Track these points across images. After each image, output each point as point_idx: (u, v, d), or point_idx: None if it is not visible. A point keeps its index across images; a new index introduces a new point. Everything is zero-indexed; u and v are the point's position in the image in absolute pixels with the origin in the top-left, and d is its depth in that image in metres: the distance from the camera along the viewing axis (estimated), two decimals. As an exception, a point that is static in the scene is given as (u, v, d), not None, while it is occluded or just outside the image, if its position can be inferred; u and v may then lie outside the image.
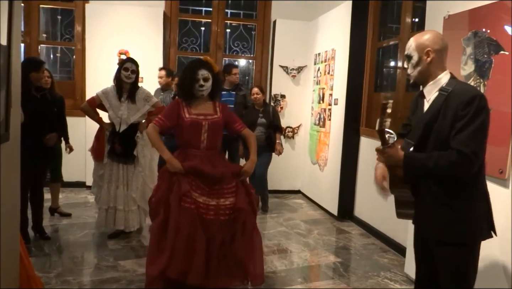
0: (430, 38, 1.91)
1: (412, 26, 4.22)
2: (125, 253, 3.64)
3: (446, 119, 1.82)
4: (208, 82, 2.85)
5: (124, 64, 3.84)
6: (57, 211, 4.57)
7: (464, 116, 1.76)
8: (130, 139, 3.85)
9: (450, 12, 3.03)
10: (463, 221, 1.85)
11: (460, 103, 1.77)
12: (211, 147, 2.88)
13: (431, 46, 1.90)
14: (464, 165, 1.76)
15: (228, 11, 6.55)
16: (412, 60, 1.95)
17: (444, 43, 1.93)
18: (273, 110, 5.16)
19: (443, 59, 1.93)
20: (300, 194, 6.22)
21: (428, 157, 1.84)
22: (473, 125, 1.75)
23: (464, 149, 1.74)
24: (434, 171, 1.82)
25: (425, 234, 2.01)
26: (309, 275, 3.53)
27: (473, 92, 1.81)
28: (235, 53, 6.81)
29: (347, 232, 4.60)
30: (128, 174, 3.88)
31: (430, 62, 1.90)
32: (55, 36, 6.81)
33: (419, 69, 1.93)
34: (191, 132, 2.84)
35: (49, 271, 3.20)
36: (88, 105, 3.93)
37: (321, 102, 5.55)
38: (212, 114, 2.91)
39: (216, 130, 2.90)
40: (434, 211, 1.91)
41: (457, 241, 1.87)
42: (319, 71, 5.69)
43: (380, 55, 4.94)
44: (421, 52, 1.91)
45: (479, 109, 1.76)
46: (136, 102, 3.86)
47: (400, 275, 3.45)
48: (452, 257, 1.89)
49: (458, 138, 1.76)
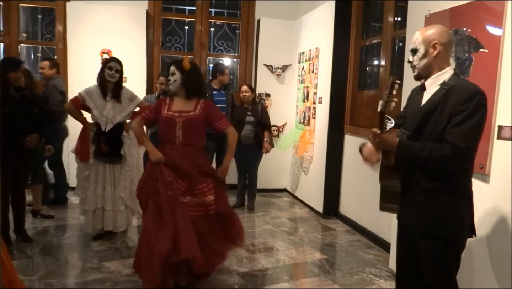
0: (437, 31, 1.92)
1: (394, 25, 4.27)
2: (110, 254, 3.60)
3: (444, 113, 1.82)
4: (173, 76, 2.96)
5: (108, 63, 3.80)
6: (39, 213, 4.50)
7: (462, 111, 1.76)
8: (116, 139, 3.81)
9: (431, 10, 3.08)
10: (449, 217, 1.87)
11: (461, 99, 1.78)
12: (187, 143, 2.94)
13: (438, 39, 1.90)
14: (457, 159, 1.76)
15: (212, 10, 6.53)
16: (418, 53, 1.95)
17: (450, 38, 1.93)
18: (261, 108, 5.16)
19: (449, 54, 1.94)
20: (286, 192, 6.24)
21: (422, 147, 1.83)
22: (471, 121, 1.75)
23: (459, 144, 1.74)
24: (426, 162, 1.82)
25: (410, 228, 2.02)
26: (295, 273, 3.55)
27: (475, 89, 1.81)
28: (219, 52, 6.79)
29: (333, 229, 4.63)
30: (115, 174, 3.85)
31: (436, 56, 1.91)
32: (35, 36, 6.69)
33: (425, 62, 1.93)
34: (166, 128, 2.96)
35: (32, 274, 3.15)
36: (71, 104, 3.85)
37: (305, 101, 5.58)
38: (189, 111, 2.97)
39: (192, 127, 2.95)
40: (422, 206, 1.92)
41: (441, 236, 1.89)
42: (303, 69, 5.71)
43: (364, 53, 4.99)
44: (428, 45, 1.91)
45: (478, 106, 1.76)
46: (121, 101, 3.84)
47: (385, 270, 3.49)
48: (436, 252, 1.91)
49: (454, 133, 1.77)
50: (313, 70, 5.38)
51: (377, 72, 4.83)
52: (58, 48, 5.82)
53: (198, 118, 2.96)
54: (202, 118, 2.98)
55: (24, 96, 3.63)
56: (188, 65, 2.98)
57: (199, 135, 3.02)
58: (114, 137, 3.80)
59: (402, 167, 1.95)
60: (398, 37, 4.24)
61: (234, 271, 3.37)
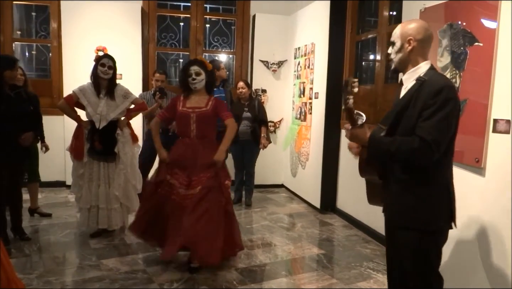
0: (414, 27, 1.94)
1: (389, 19, 4.27)
2: (108, 252, 3.61)
3: (416, 108, 1.85)
4: (200, 76, 3.28)
5: (100, 60, 3.77)
6: (37, 211, 4.49)
7: (431, 105, 1.80)
8: (110, 136, 3.79)
9: (426, 5, 3.09)
10: (423, 208, 1.90)
11: (429, 93, 1.81)
12: (200, 136, 3.29)
13: (413, 35, 1.93)
14: (424, 152, 1.79)
15: (207, 6, 6.50)
16: (394, 47, 1.99)
17: (427, 34, 1.95)
18: (258, 104, 5.16)
19: (425, 50, 1.96)
20: (283, 188, 6.25)
21: (391, 141, 1.87)
22: (439, 115, 1.78)
23: (426, 136, 1.78)
24: (396, 155, 1.86)
25: (389, 219, 2.07)
26: (293, 268, 3.56)
27: (442, 83, 1.84)
28: (215, 48, 6.78)
29: (330, 224, 4.65)
30: (110, 172, 3.83)
31: (411, 51, 1.94)
32: (30, 33, 6.65)
33: (400, 56, 1.97)
34: (181, 123, 3.33)
35: (30, 272, 3.15)
36: (65, 102, 3.81)
37: (301, 96, 5.58)
38: (202, 107, 3.30)
39: (205, 121, 3.29)
40: (398, 197, 1.96)
41: (417, 227, 1.92)
42: (299, 65, 5.71)
43: (359, 48, 4.99)
44: (404, 40, 1.95)
45: (446, 100, 1.79)
46: (115, 98, 3.82)
47: (382, 264, 3.50)
48: (412, 243, 1.94)
49: (422, 126, 1.80)
50: (309, 66, 5.38)
51: (373, 67, 4.83)
52: (53, 45, 5.79)
53: (209, 113, 3.29)
54: (213, 113, 3.30)
55: (19, 94, 3.61)
56: (210, 66, 3.38)
57: (211, 128, 3.37)
58: (108, 135, 3.78)
59: (375, 161, 2.01)
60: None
61: (232, 267, 3.38)
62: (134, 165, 3.96)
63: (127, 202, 3.90)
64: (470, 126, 2.63)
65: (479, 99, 2.57)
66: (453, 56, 2.80)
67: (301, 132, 5.60)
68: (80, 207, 3.91)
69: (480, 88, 2.55)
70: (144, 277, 3.15)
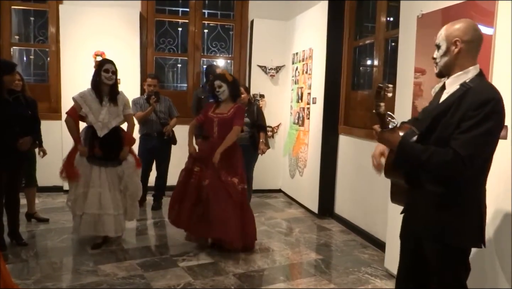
0: (461, 28, 1.81)
1: (387, 25, 4.29)
2: (105, 257, 3.59)
3: (455, 116, 1.74)
4: (222, 88, 3.81)
5: (103, 66, 3.71)
6: (34, 216, 4.47)
7: (473, 117, 1.68)
8: (111, 141, 3.71)
9: (423, 11, 3.10)
10: (455, 224, 1.82)
11: (473, 103, 1.69)
12: (221, 137, 3.77)
13: (460, 36, 1.80)
14: (456, 167, 1.70)
15: (205, 11, 6.52)
16: (440, 50, 1.87)
17: (476, 35, 1.82)
18: (257, 109, 5.15)
19: (474, 52, 1.83)
20: (281, 192, 6.25)
21: (423, 149, 1.78)
22: (479, 129, 1.67)
23: (461, 151, 1.68)
24: (425, 165, 1.77)
25: (416, 231, 1.98)
26: (291, 273, 3.56)
27: (490, 94, 1.72)
28: (213, 54, 6.79)
29: (328, 229, 4.65)
30: (112, 177, 3.73)
31: (458, 53, 1.81)
32: (28, 38, 6.65)
33: (446, 59, 1.85)
34: (207, 126, 3.91)
35: (27, 278, 3.13)
36: (70, 119, 3.69)
37: (299, 102, 5.59)
38: (224, 113, 3.82)
39: (225, 125, 3.78)
40: (428, 209, 1.87)
41: (447, 242, 1.84)
42: (297, 70, 5.73)
43: (357, 54, 5.01)
44: (450, 42, 1.82)
45: (490, 113, 1.68)
46: (118, 105, 3.76)
47: (380, 270, 3.50)
48: (441, 256, 1.87)
49: (459, 139, 1.70)
50: (306, 71, 5.40)
51: (370, 72, 4.85)
52: (51, 50, 5.80)
53: (228, 119, 3.79)
54: (232, 119, 3.78)
55: (17, 99, 3.61)
56: (230, 77, 3.90)
57: None
58: (109, 140, 3.71)
59: (402, 166, 1.91)
60: (391, 37, 4.26)
61: (230, 272, 3.37)
62: (136, 172, 3.91)
63: (131, 206, 3.86)
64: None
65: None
66: (450, 62, 2.81)
67: (299, 138, 5.61)
68: (73, 212, 3.78)
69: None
70: (142, 283, 3.14)
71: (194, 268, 3.43)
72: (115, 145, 3.77)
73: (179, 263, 3.52)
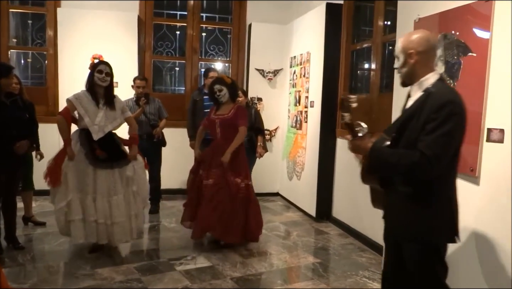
0: (415, 40, 1.93)
1: (384, 29, 4.31)
2: (102, 261, 3.57)
3: (420, 120, 1.84)
4: (222, 91, 3.97)
5: (97, 66, 3.60)
6: (31, 220, 4.46)
7: (435, 119, 1.78)
8: (110, 143, 3.62)
9: (420, 15, 3.12)
10: (426, 222, 1.90)
11: (433, 106, 1.80)
12: (224, 137, 3.97)
13: (415, 48, 1.91)
14: (424, 167, 1.79)
15: (203, 15, 6.54)
16: (399, 61, 1.99)
17: (430, 44, 1.93)
18: (255, 113, 5.15)
19: (429, 60, 1.94)
20: (279, 196, 6.25)
21: (392, 153, 1.89)
22: (441, 130, 1.77)
23: (427, 151, 1.77)
24: (396, 168, 1.87)
25: (392, 232, 2.08)
26: (289, 277, 3.55)
27: (447, 97, 1.82)
28: (211, 57, 6.80)
29: (326, 233, 4.64)
30: (115, 181, 3.55)
31: (414, 64, 1.93)
32: (26, 41, 6.64)
33: (406, 70, 1.97)
34: (211, 127, 4.08)
35: (23, 282, 3.12)
36: (63, 118, 3.54)
37: (297, 105, 5.60)
38: (225, 114, 3.98)
39: (227, 126, 3.96)
40: (400, 209, 1.97)
41: (420, 240, 1.92)
42: (295, 74, 5.74)
43: (354, 57, 5.02)
44: (406, 54, 1.94)
45: (450, 114, 1.77)
46: (115, 109, 3.65)
47: (378, 273, 3.50)
48: (417, 256, 1.95)
49: (425, 140, 1.79)
50: (304, 75, 5.41)
51: (368, 75, 4.86)
52: (49, 53, 5.80)
53: (230, 119, 3.95)
54: (234, 119, 3.95)
55: (15, 102, 3.60)
56: (229, 80, 4.08)
57: (233, 132, 3.96)
58: (107, 142, 3.60)
59: (375, 171, 2.01)
60: (388, 41, 4.28)
61: (228, 276, 3.37)
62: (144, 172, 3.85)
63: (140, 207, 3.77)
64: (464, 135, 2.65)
65: (473, 108, 2.58)
66: (447, 66, 2.83)
67: (296, 141, 5.61)
68: (70, 219, 3.54)
69: (474, 98, 2.57)
70: (139, 286, 3.13)
71: (191, 271, 3.43)
72: (115, 146, 3.66)
73: (177, 266, 3.51)
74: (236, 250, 3.92)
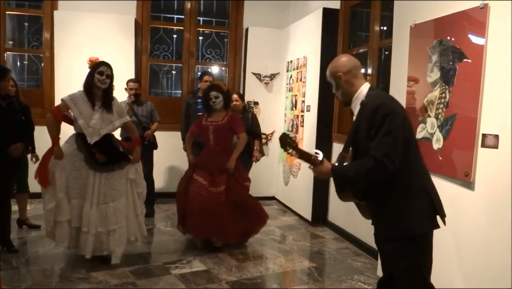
0: (338, 64, 2.12)
1: (380, 34, 4.34)
2: (97, 264, 3.55)
3: (363, 131, 1.98)
4: (218, 98, 4.01)
5: (98, 67, 3.44)
6: (25, 223, 4.43)
7: (373, 125, 1.93)
8: (108, 146, 3.51)
9: (416, 21, 3.14)
10: (402, 217, 1.97)
11: (368, 114, 1.95)
12: (217, 144, 4.03)
13: (340, 70, 2.09)
14: (379, 169, 1.90)
15: (200, 19, 6.54)
16: (333, 87, 2.17)
17: (351, 64, 2.10)
18: (252, 116, 5.15)
19: (356, 76, 2.10)
20: (275, 200, 6.24)
21: (350, 167, 2.03)
22: (381, 131, 1.90)
23: (376, 154, 1.89)
24: (357, 179, 1.98)
25: (376, 234, 2.16)
26: (285, 281, 3.55)
27: (377, 102, 1.95)
28: (208, 61, 6.81)
29: (321, 237, 4.65)
30: (118, 184, 3.45)
31: (344, 84, 2.10)
32: (22, 44, 6.64)
33: (341, 91, 2.14)
34: (203, 134, 4.10)
35: (18, 285, 3.10)
36: (52, 117, 3.41)
37: (293, 109, 5.61)
38: (219, 121, 4.03)
39: (220, 133, 4.01)
40: (378, 212, 2.08)
41: (399, 236, 1.98)
42: (291, 78, 5.75)
43: (351, 62, 5.03)
44: (335, 78, 2.12)
45: (383, 117, 1.90)
46: (112, 112, 3.52)
47: (373, 278, 3.51)
48: (396, 253, 2.00)
49: (372, 146, 1.92)
50: (301, 79, 5.42)
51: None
52: (45, 56, 5.78)
53: (223, 126, 4.01)
54: (227, 125, 4.02)
55: (11, 104, 3.59)
56: (225, 88, 4.15)
57: (226, 138, 4.07)
58: (104, 145, 3.49)
59: (345, 188, 2.12)
60: (384, 46, 4.30)
61: (223, 280, 3.36)
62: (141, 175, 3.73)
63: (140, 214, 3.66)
64: (459, 141, 2.67)
65: (468, 114, 2.61)
66: (442, 72, 2.85)
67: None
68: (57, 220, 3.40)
69: (469, 103, 2.60)
70: (134, 290, 3.12)
71: (186, 275, 3.42)
72: (114, 148, 3.56)
73: (172, 270, 3.50)
74: (231, 254, 3.92)
